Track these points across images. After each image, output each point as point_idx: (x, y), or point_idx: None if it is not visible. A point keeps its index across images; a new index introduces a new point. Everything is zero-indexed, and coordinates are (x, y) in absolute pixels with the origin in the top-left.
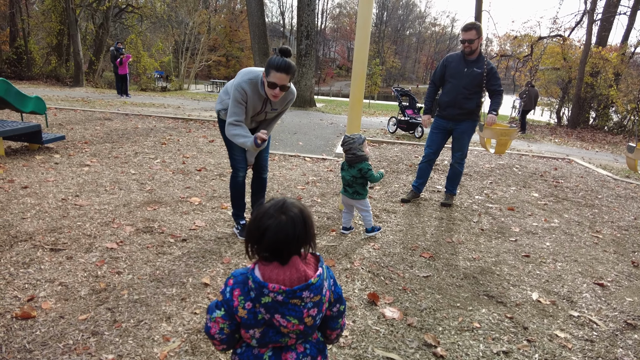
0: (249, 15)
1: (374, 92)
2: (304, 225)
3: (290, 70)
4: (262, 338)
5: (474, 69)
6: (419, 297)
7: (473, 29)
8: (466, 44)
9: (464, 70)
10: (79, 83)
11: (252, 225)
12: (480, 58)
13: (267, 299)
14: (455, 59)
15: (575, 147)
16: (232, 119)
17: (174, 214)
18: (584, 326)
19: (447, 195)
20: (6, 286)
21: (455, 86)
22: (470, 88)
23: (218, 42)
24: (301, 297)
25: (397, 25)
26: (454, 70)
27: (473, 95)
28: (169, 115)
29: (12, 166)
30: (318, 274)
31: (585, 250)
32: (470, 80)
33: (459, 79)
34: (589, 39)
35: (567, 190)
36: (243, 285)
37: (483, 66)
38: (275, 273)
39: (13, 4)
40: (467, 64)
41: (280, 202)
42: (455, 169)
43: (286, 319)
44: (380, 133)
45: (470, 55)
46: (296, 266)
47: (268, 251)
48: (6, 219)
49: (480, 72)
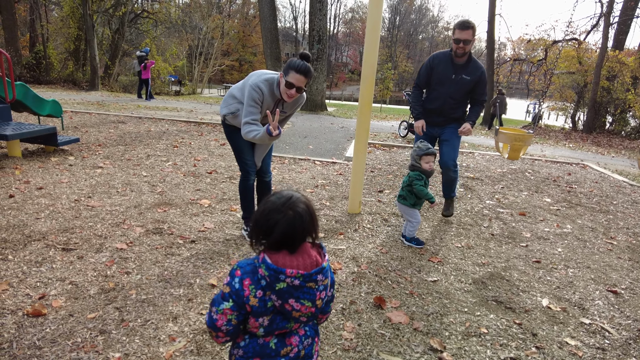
0: (261, 20)
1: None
2: (311, 219)
3: (309, 74)
4: (269, 325)
5: (462, 75)
6: (426, 302)
7: (470, 28)
8: (460, 44)
9: (451, 76)
10: (95, 87)
11: (260, 219)
12: (471, 62)
13: (283, 284)
14: (443, 61)
15: (591, 152)
16: (248, 118)
17: (184, 216)
18: (596, 334)
19: (446, 202)
20: (19, 284)
21: (441, 94)
22: (458, 97)
23: (231, 46)
24: (316, 280)
25: (410, 29)
26: (441, 75)
27: (460, 104)
28: (182, 119)
29: (29, 167)
30: (327, 259)
31: (598, 256)
32: (458, 88)
33: (446, 87)
34: (605, 43)
35: (581, 195)
36: (252, 274)
37: (473, 73)
38: (288, 260)
39: (33, 11)
40: (456, 69)
41: (287, 197)
42: (448, 176)
43: (300, 302)
44: (391, 137)
45: (460, 58)
46: (307, 252)
47: (277, 244)
48: (21, 219)
49: (470, 80)
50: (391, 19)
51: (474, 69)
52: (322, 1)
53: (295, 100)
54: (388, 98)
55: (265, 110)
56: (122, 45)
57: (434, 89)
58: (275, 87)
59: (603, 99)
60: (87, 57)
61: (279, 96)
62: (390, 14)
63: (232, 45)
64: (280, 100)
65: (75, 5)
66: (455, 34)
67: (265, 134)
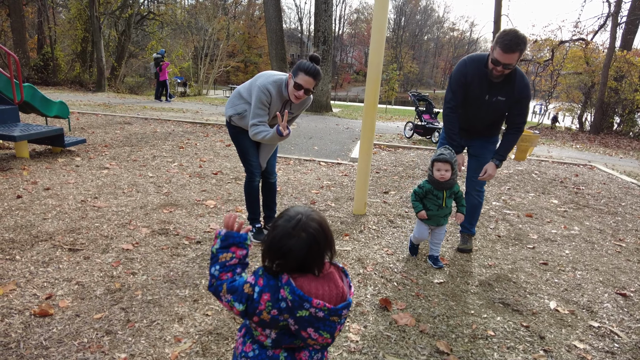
0: (267, 21)
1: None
2: (326, 237)
3: (318, 76)
4: (277, 340)
5: (498, 97)
6: (432, 304)
7: (518, 50)
8: (500, 68)
9: (484, 97)
10: (101, 88)
11: (272, 245)
12: (511, 79)
13: (305, 312)
14: (477, 77)
15: (598, 154)
16: (256, 120)
17: (190, 217)
18: (605, 337)
19: (463, 236)
20: (26, 284)
21: (472, 116)
22: (489, 121)
23: (237, 48)
24: (340, 315)
25: (415, 30)
26: (473, 94)
27: (493, 126)
28: (188, 120)
29: (36, 168)
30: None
31: (607, 258)
32: (491, 112)
33: (474, 108)
34: (613, 43)
35: (589, 197)
36: (274, 291)
37: (511, 93)
38: (314, 287)
39: (41, 13)
40: (491, 88)
41: (298, 219)
42: (473, 199)
43: (319, 333)
44: (396, 138)
45: (498, 78)
46: (335, 281)
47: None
48: (28, 219)
49: (505, 102)
50: (396, 19)
51: (513, 88)
52: (327, 2)
53: (303, 101)
54: (393, 99)
55: (275, 112)
56: (129, 47)
57: (462, 107)
58: (283, 87)
59: (611, 100)
60: (93, 59)
61: (287, 97)
62: (396, 14)
63: (237, 47)
64: (288, 101)
65: (82, 8)
66: (496, 53)
67: (275, 134)
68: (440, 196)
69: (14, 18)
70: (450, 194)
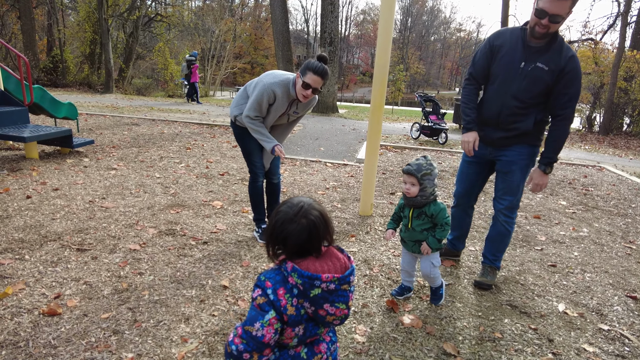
0: (273, 23)
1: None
2: (325, 224)
3: (326, 76)
4: (303, 334)
5: (537, 64)
6: (439, 306)
7: None
8: (545, 20)
9: (519, 65)
10: (109, 90)
11: (273, 230)
12: (554, 45)
13: (317, 290)
14: (509, 41)
15: (607, 155)
16: (251, 113)
17: (196, 217)
18: (615, 341)
19: (484, 268)
20: (35, 284)
21: (500, 93)
22: (527, 99)
23: (243, 49)
24: (349, 282)
25: (422, 31)
26: (504, 61)
27: (530, 111)
28: (194, 121)
29: (45, 169)
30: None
31: (616, 261)
32: (529, 84)
33: (509, 81)
34: (622, 42)
35: (598, 198)
36: (284, 283)
37: (557, 60)
38: (318, 265)
39: (50, 16)
40: (529, 53)
41: (299, 206)
42: (499, 226)
43: (335, 306)
44: (403, 139)
45: (538, 40)
46: (335, 256)
47: (294, 253)
48: (37, 220)
49: (549, 72)
50: (403, 20)
51: (559, 55)
52: (333, 3)
53: (309, 101)
54: (400, 100)
55: (281, 111)
56: (136, 49)
57: (491, 83)
58: (291, 87)
59: (620, 100)
60: (102, 61)
61: (295, 96)
62: (402, 15)
63: (244, 48)
64: (294, 100)
65: (91, 10)
66: (541, 1)
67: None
68: (406, 214)
69: (24, 21)
70: (418, 214)
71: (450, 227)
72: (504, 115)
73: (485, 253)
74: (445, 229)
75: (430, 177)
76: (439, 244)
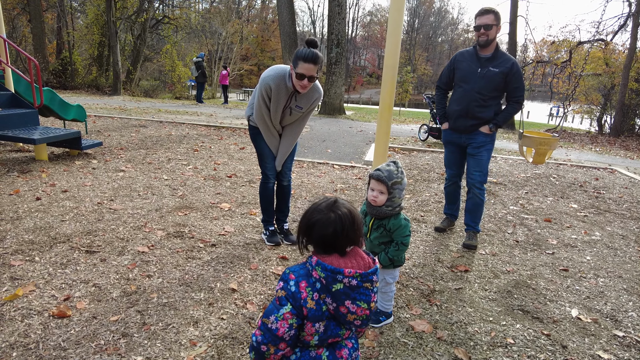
0: (280, 24)
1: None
2: (352, 223)
3: (318, 60)
4: (324, 332)
5: (489, 68)
6: (450, 310)
7: (490, 12)
8: (481, 30)
9: (477, 70)
10: (117, 92)
11: (303, 219)
12: (499, 54)
13: (339, 285)
14: (467, 58)
15: (619, 157)
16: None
17: (204, 219)
18: (631, 347)
19: (469, 234)
20: (45, 285)
21: (467, 92)
22: (486, 93)
23: (250, 51)
24: (372, 281)
25: (429, 32)
26: (465, 71)
27: (490, 102)
28: (202, 123)
29: (54, 171)
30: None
31: (631, 265)
32: (486, 83)
33: (472, 83)
34: (633, 43)
35: (610, 201)
36: (307, 277)
37: (503, 64)
38: (342, 262)
39: (60, 19)
40: (482, 62)
41: (332, 201)
42: (474, 199)
43: (356, 304)
44: (411, 141)
45: (485, 50)
46: (360, 255)
47: (317, 244)
48: (47, 221)
49: (499, 73)
50: (410, 21)
51: (503, 60)
52: (341, 5)
53: (310, 94)
54: (407, 101)
55: (282, 105)
56: (144, 51)
57: (459, 86)
58: (287, 79)
59: (632, 101)
60: (110, 63)
61: (293, 88)
62: (409, 16)
63: (250, 50)
64: (294, 92)
65: (99, 13)
66: (476, 21)
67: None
68: (367, 223)
69: (34, 24)
70: (377, 225)
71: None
72: (472, 107)
73: (468, 222)
74: (400, 248)
75: (400, 186)
76: (389, 263)
